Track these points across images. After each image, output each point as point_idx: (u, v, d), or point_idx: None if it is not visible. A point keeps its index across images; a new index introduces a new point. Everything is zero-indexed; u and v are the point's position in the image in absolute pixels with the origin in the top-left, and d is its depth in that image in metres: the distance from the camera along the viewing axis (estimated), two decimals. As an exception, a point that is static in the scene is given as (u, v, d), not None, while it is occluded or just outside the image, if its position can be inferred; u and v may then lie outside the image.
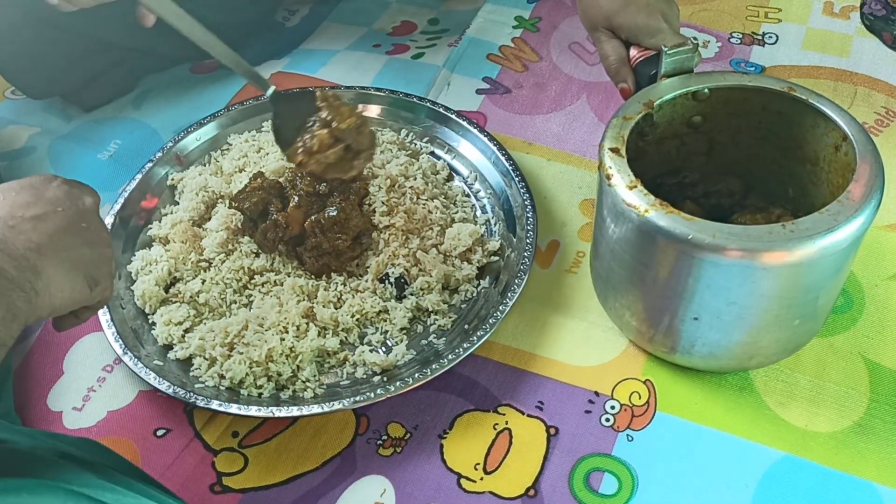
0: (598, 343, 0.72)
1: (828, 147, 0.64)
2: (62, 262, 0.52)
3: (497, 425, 0.67)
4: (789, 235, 0.55)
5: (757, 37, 0.99)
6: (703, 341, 0.64)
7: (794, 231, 0.55)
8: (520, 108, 0.92)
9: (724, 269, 0.57)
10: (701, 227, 0.56)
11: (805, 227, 0.55)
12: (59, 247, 0.52)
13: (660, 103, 0.65)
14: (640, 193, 0.59)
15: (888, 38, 0.96)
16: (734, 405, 0.68)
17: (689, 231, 0.56)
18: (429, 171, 0.83)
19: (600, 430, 0.67)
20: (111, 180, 0.86)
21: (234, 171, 0.83)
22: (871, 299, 0.74)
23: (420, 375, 0.67)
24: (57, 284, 0.51)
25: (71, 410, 0.69)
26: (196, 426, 0.68)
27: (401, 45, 1.01)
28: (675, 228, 0.57)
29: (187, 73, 0.99)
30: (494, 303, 0.72)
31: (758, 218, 0.68)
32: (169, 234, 0.78)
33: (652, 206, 0.58)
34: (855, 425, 0.66)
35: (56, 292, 0.51)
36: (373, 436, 0.67)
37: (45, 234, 0.51)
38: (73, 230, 0.54)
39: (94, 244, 0.55)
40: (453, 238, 0.76)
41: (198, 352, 0.70)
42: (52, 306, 0.51)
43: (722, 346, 0.64)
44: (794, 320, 0.62)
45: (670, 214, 0.57)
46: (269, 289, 0.74)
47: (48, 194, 0.54)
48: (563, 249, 0.79)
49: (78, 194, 0.56)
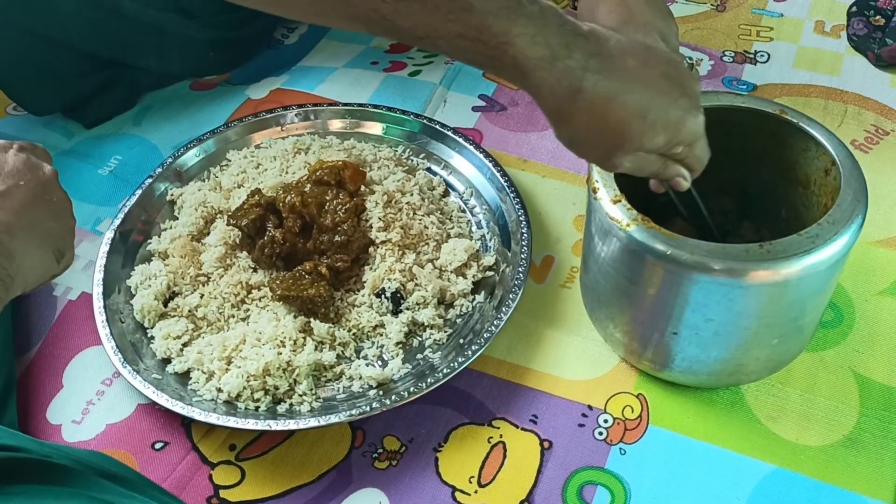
0: (591, 357, 0.73)
1: (818, 171, 0.65)
2: (31, 239, 0.51)
3: (491, 438, 0.68)
4: (766, 255, 0.56)
5: (749, 55, 1.00)
6: (683, 356, 0.64)
7: (771, 252, 0.56)
8: (515, 126, 0.93)
9: (701, 285, 0.58)
10: (679, 243, 0.57)
11: (782, 248, 0.56)
12: (27, 223, 0.51)
13: None
14: (624, 208, 0.60)
15: (871, 56, 0.97)
16: (726, 419, 0.69)
17: (668, 247, 0.57)
18: (425, 187, 0.84)
19: (593, 443, 0.67)
20: (111, 195, 0.87)
21: (233, 186, 0.84)
22: (861, 314, 0.75)
23: (415, 389, 0.67)
24: (29, 263, 0.51)
25: (70, 423, 0.70)
26: (193, 439, 0.69)
27: (398, 63, 1.02)
28: (654, 244, 0.58)
29: (187, 90, 1.01)
30: (489, 317, 0.73)
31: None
32: (168, 249, 0.79)
33: (634, 220, 0.59)
34: (845, 439, 0.67)
35: (28, 271, 0.51)
36: (368, 449, 0.68)
37: (12, 211, 0.50)
38: (39, 203, 0.53)
39: (58, 215, 0.54)
40: (449, 253, 0.77)
41: (196, 365, 0.71)
42: (24, 285, 0.51)
43: (700, 362, 0.65)
44: (773, 339, 0.63)
45: (651, 229, 0.58)
46: (266, 303, 0.75)
47: (7, 168, 0.52)
48: (558, 265, 0.80)
49: (37, 163, 0.55)
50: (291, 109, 0.92)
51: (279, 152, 0.87)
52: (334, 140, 0.89)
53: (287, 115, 0.92)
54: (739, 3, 1.07)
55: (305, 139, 0.89)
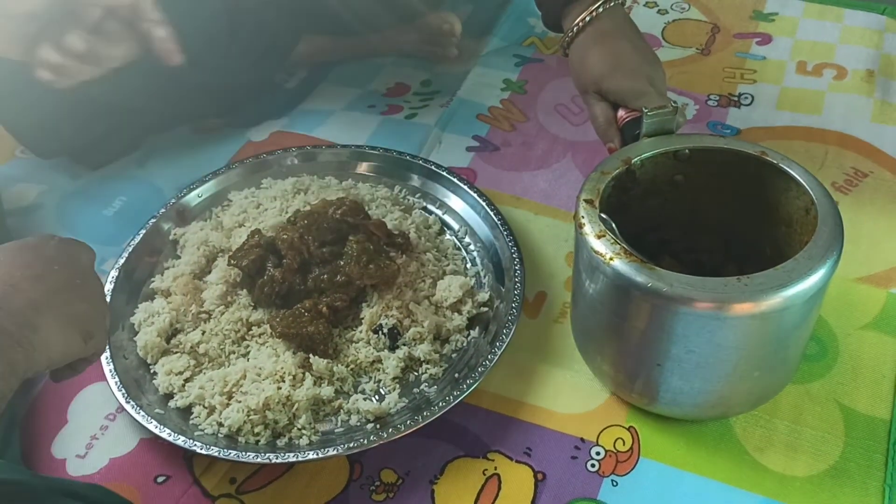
0: (583, 391, 0.75)
1: (799, 210, 0.67)
2: (58, 318, 0.54)
3: (486, 471, 0.70)
4: (743, 289, 0.58)
5: (733, 98, 1.03)
6: (667, 388, 0.66)
7: (749, 285, 0.58)
8: (508, 165, 0.96)
9: (680, 317, 0.60)
10: (660, 276, 0.59)
11: (759, 281, 0.58)
12: (56, 303, 0.54)
13: (639, 160, 0.69)
14: (608, 242, 0.62)
15: None
16: (715, 451, 0.70)
17: (649, 279, 0.59)
18: (421, 226, 0.86)
19: (586, 475, 0.69)
20: (116, 235, 0.88)
21: (234, 226, 0.86)
22: (845, 347, 0.77)
23: (412, 422, 0.69)
24: (54, 339, 0.53)
25: (74, 458, 0.71)
26: (195, 473, 0.70)
27: (395, 106, 1.05)
28: (635, 276, 0.60)
29: (190, 133, 1.03)
30: (484, 352, 0.74)
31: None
32: (171, 287, 0.81)
33: (616, 254, 0.61)
34: (831, 469, 0.68)
35: (53, 346, 0.53)
36: (366, 482, 0.69)
37: (43, 292, 0.54)
38: (70, 287, 0.56)
39: (89, 299, 0.57)
40: (444, 290, 0.79)
41: (197, 400, 0.72)
42: (48, 360, 0.53)
43: (685, 394, 0.66)
44: (754, 371, 0.64)
45: (632, 263, 0.60)
46: (265, 339, 0.77)
47: (46, 253, 0.56)
48: (550, 300, 0.82)
49: (75, 252, 0.59)
50: (291, 151, 0.94)
51: (279, 192, 0.89)
52: (332, 180, 0.92)
53: (287, 157, 0.94)
54: (724, 48, 1.11)
55: (305, 180, 0.91)
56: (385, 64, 1.13)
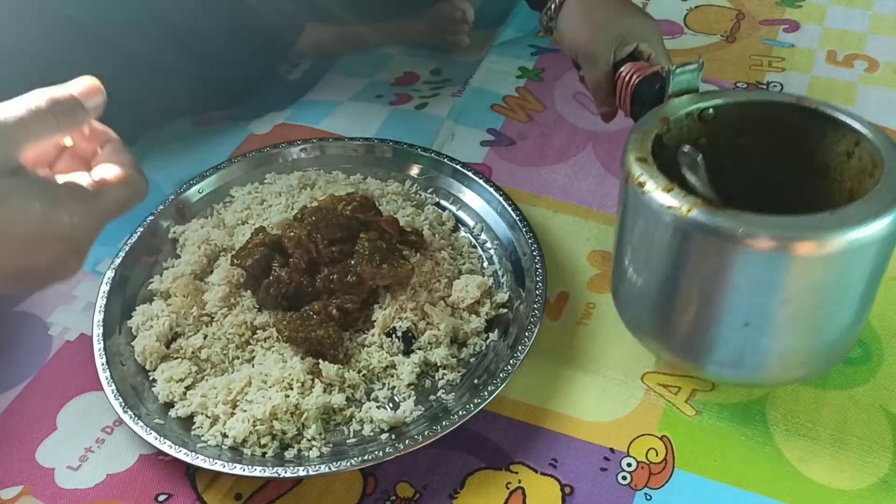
0: (612, 397, 0.70)
1: (839, 155, 0.63)
2: None
3: (510, 484, 0.65)
4: (839, 222, 0.54)
5: (762, 85, 0.99)
6: (754, 349, 0.61)
7: (843, 217, 0.54)
8: (524, 160, 0.92)
9: (778, 262, 0.55)
10: (751, 220, 0.55)
11: (853, 212, 0.54)
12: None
13: (674, 119, 0.65)
14: (680, 195, 0.57)
15: None
16: (753, 461, 0.66)
17: (740, 225, 0.54)
18: (435, 222, 0.82)
19: (617, 488, 0.64)
20: (113, 234, 0.83)
21: (237, 223, 0.82)
22: (890, 350, 0.72)
23: (429, 433, 0.65)
24: None
25: (65, 469, 0.66)
26: (198, 489, 0.65)
27: (404, 96, 1.01)
28: (723, 224, 0.55)
29: (189, 127, 0.99)
30: (504, 356, 0.70)
31: None
32: (170, 289, 0.77)
33: (695, 205, 0.56)
34: (880, 482, 0.64)
35: None
36: (381, 496, 0.65)
37: None
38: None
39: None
40: (461, 290, 0.75)
41: (200, 409, 0.68)
42: None
43: (770, 355, 0.62)
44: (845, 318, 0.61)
45: (716, 212, 0.55)
46: (271, 344, 0.73)
47: None
48: (573, 301, 0.78)
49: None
50: (296, 144, 0.90)
51: (284, 188, 0.85)
52: (340, 175, 0.88)
53: (292, 151, 0.90)
54: (749, 34, 1.07)
55: (311, 174, 0.87)
56: (393, 54, 1.09)
